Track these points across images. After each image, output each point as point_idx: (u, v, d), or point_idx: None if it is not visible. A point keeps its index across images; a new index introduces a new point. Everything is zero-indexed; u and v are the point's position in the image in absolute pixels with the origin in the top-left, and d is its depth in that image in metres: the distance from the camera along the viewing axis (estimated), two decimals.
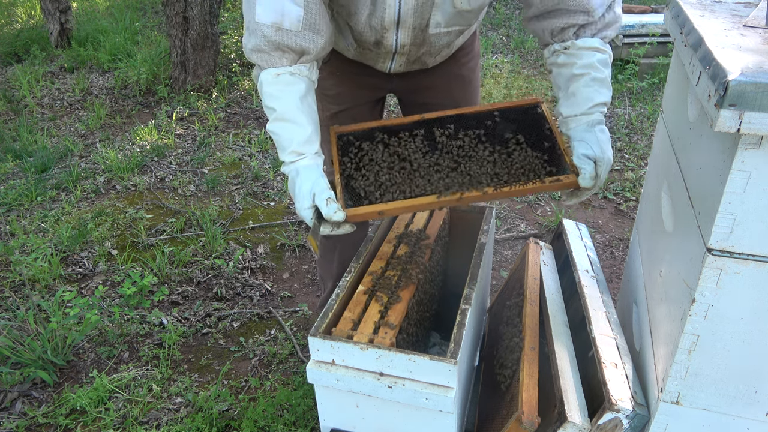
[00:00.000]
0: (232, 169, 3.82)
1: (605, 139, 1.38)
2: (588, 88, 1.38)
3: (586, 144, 1.37)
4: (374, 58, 1.63)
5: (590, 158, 1.35)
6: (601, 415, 1.19)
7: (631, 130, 4.15)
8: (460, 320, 1.38)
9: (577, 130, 1.41)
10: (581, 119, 1.40)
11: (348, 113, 1.79)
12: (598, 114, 1.40)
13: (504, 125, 1.52)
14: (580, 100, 1.39)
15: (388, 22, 1.44)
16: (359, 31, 1.49)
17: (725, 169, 0.98)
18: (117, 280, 2.76)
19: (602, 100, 1.39)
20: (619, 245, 2.97)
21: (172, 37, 4.73)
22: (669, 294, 1.24)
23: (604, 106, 1.40)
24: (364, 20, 1.44)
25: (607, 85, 1.40)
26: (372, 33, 1.48)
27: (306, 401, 2.03)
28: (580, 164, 1.35)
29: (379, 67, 1.68)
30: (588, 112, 1.39)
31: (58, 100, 4.99)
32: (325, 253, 2.05)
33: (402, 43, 1.51)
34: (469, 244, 1.78)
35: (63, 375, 2.25)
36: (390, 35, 1.48)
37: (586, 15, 1.37)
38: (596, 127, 1.39)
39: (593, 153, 1.36)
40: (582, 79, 1.38)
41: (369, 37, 1.50)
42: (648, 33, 4.96)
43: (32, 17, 7.37)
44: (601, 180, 1.37)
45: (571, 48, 1.40)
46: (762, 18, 1.21)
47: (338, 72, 1.74)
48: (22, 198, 3.45)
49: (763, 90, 0.88)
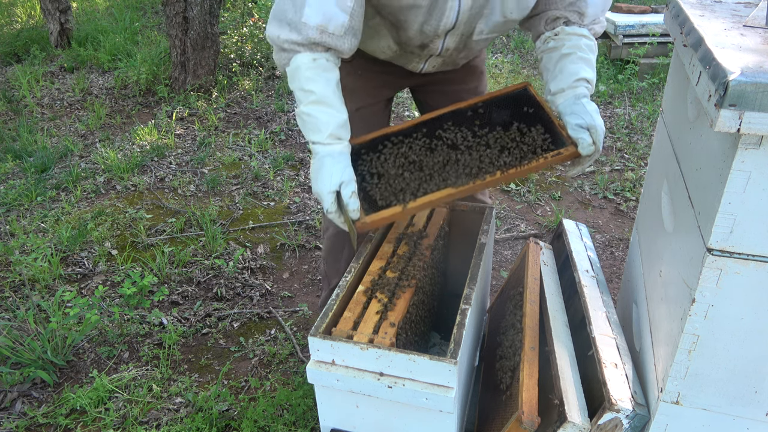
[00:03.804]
0: (232, 169, 3.82)
1: (594, 109, 1.45)
2: (573, 64, 1.48)
3: (577, 115, 1.44)
4: (410, 59, 1.69)
5: (584, 127, 1.42)
6: (601, 415, 1.19)
7: (631, 130, 4.15)
8: (460, 320, 1.38)
9: (565, 105, 1.48)
10: (568, 93, 1.48)
11: (361, 112, 1.82)
12: (584, 88, 1.47)
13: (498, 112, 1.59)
14: (566, 75, 1.48)
15: (442, 30, 1.49)
16: (409, 36, 1.54)
17: (725, 169, 0.98)
18: (117, 280, 2.76)
19: (586, 75, 1.47)
20: (619, 245, 2.97)
21: (172, 37, 4.73)
22: (669, 294, 1.24)
23: (588, 82, 1.48)
24: (416, 27, 1.49)
25: (591, 66, 1.49)
26: (421, 38, 1.53)
27: (306, 401, 2.03)
28: (576, 135, 1.43)
29: (411, 68, 1.73)
30: (574, 86, 1.47)
31: (58, 100, 4.99)
32: (332, 249, 2.06)
33: (447, 47, 1.58)
34: (469, 244, 1.78)
35: (63, 375, 2.25)
36: (438, 41, 1.55)
37: (580, 17, 1.51)
38: (582, 100, 1.46)
39: (585, 122, 1.42)
40: (568, 58, 1.49)
41: (416, 41, 1.55)
42: (648, 33, 4.97)
43: (32, 17, 7.37)
44: (599, 147, 1.44)
45: (560, 33, 1.52)
46: (762, 18, 1.21)
47: (360, 71, 1.78)
48: (22, 198, 3.45)
49: (763, 90, 0.88)
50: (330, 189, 1.38)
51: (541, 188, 3.50)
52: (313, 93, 1.39)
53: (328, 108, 1.40)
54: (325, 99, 1.39)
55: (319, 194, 1.41)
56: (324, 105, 1.39)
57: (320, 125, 1.39)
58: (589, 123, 1.41)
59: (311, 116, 1.40)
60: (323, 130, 1.39)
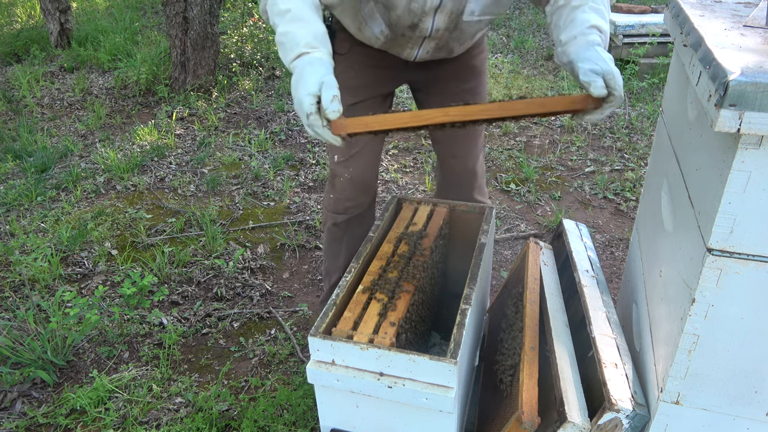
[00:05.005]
0: (232, 169, 3.82)
1: (609, 57, 1.34)
2: (585, 14, 1.40)
3: (591, 61, 1.32)
4: (403, 45, 1.68)
5: (597, 73, 1.30)
6: (601, 415, 1.19)
7: (631, 130, 4.15)
8: (460, 320, 1.38)
9: (578, 52, 1.37)
10: (579, 40, 1.38)
11: (358, 107, 1.83)
12: (596, 35, 1.38)
13: None
14: (577, 24, 1.39)
15: (429, 7, 1.50)
16: (398, 15, 1.54)
17: (725, 169, 0.98)
18: (117, 280, 2.76)
19: (599, 24, 1.38)
20: (619, 245, 2.97)
21: (172, 37, 4.73)
22: (669, 294, 1.24)
23: (600, 31, 1.39)
24: (404, 4, 1.50)
25: (603, 16, 1.41)
26: (410, 17, 1.54)
27: (306, 401, 2.03)
28: (588, 78, 1.30)
29: (406, 55, 1.73)
30: (585, 32, 1.37)
31: (58, 100, 4.99)
32: (331, 245, 2.07)
33: (437, 27, 1.57)
34: (469, 244, 1.78)
35: (63, 375, 2.25)
36: (428, 19, 1.55)
37: None
38: (596, 47, 1.36)
39: (600, 68, 1.30)
40: (579, 8, 1.41)
41: (406, 21, 1.56)
42: (648, 33, 4.97)
43: (32, 17, 7.37)
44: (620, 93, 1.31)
45: None
46: (762, 18, 1.21)
47: (357, 65, 1.79)
48: (22, 198, 3.45)
49: (763, 90, 0.88)
50: (309, 91, 1.26)
51: (541, 188, 3.50)
52: (289, 11, 1.35)
53: (305, 23, 1.35)
54: (301, 15, 1.35)
55: (299, 101, 1.28)
56: (301, 21, 1.35)
57: (297, 38, 1.33)
58: (605, 69, 1.29)
59: (288, 34, 1.34)
60: (299, 41, 1.32)
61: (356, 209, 2.01)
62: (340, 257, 2.05)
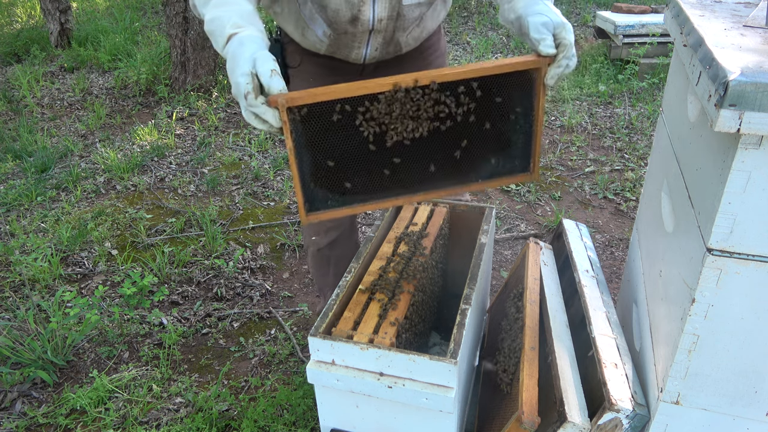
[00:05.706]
0: (232, 169, 3.82)
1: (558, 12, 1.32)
2: None
3: (541, 14, 1.30)
4: (349, 45, 1.61)
5: (548, 27, 1.29)
6: (601, 415, 1.19)
7: (631, 130, 4.15)
8: (460, 320, 1.38)
9: (526, 6, 1.34)
10: None
11: None
12: None
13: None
14: None
15: None
16: (335, 9, 1.49)
17: (725, 169, 0.98)
18: (117, 280, 2.76)
19: None
20: (619, 245, 2.97)
21: (172, 37, 4.73)
22: (669, 294, 1.24)
23: None
24: None
25: None
26: (348, 8, 1.48)
27: (306, 401, 2.03)
28: (539, 35, 1.27)
29: (354, 57, 1.65)
30: None
31: (58, 100, 4.99)
32: (320, 266, 2.06)
33: (379, 17, 1.51)
34: (469, 244, 1.78)
35: (63, 375, 2.25)
36: (366, 8, 1.48)
37: None
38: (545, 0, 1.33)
39: (551, 21, 1.29)
40: None
41: (345, 13, 1.50)
42: (648, 33, 4.97)
43: (32, 17, 7.37)
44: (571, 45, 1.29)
45: None
46: (762, 18, 1.21)
47: (311, 77, 1.72)
48: (22, 198, 3.45)
49: (763, 90, 0.88)
50: (243, 71, 1.13)
51: (541, 188, 3.50)
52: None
53: (230, 5, 1.28)
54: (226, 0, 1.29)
55: (235, 84, 1.16)
56: (226, 5, 1.29)
57: (223, 21, 1.24)
58: (555, 21, 1.27)
59: (214, 20, 1.26)
60: (226, 23, 1.24)
61: (336, 230, 1.96)
62: (329, 277, 2.05)
